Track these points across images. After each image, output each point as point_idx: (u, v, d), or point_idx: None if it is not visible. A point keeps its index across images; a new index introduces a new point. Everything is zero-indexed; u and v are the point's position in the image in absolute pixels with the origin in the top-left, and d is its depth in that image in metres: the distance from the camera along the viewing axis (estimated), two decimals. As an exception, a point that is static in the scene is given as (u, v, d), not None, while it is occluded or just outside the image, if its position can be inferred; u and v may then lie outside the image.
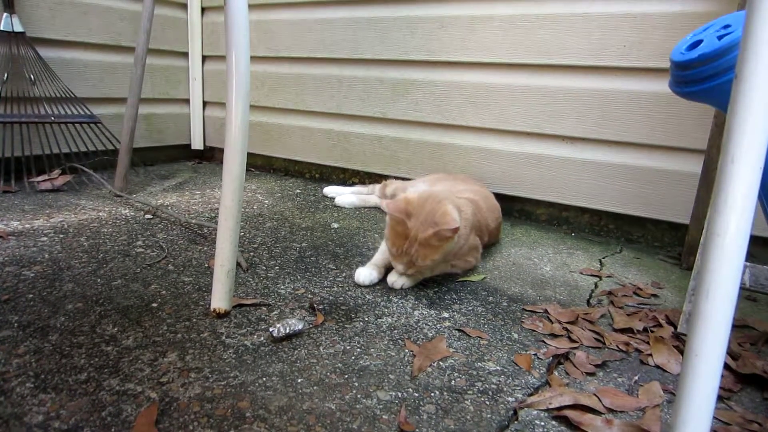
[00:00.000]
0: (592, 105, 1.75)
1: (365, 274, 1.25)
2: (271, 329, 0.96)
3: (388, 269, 1.28)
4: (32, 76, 1.97)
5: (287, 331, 0.96)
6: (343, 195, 2.05)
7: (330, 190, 2.14)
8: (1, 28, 1.90)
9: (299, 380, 0.84)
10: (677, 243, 1.73)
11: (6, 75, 1.91)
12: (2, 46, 1.91)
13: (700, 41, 0.81)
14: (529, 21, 1.80)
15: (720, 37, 0.81)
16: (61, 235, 1.43)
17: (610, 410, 0.82)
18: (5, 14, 1.90)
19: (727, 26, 0.86)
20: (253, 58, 2.42)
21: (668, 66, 1.60)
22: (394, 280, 1.24)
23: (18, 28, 1.93)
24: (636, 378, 0.93)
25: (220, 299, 1.03)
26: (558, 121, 1.82)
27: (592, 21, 1.70)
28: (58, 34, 2.10)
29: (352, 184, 2.34)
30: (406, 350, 0.96)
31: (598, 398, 0.84)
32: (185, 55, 2.66)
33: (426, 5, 2.00)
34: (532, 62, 1.82)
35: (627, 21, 1.65)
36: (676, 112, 1.63)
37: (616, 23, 1.66)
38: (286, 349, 0.93)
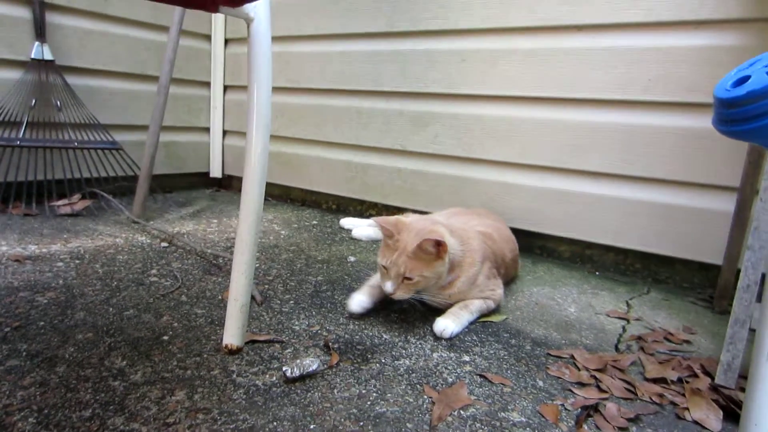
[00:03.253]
0: (616, 140, 1.71)
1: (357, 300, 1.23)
2: (284, 369, 0.92)
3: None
4: (59, 103, 2.01)
5: (301, 371, 0.92)
6: (360, 227, 2.02)
7: (347, 222, 2.12)
8: (32, 56, 1.95)
9: (311, 426, 0.80)
10: (708, 284, 1.65)
11: (34, 101, 1.95)
12: (32, 73, 1.96)
13: (747, 77, 0.76)
14: (551, 54, 1.78)
15: (768, 73, 0.77)
16: (77, 261, 1.42)
17: (647, 471, 0.76)
18: (36, 43, 1.95)
19: (774, 61, 0.82)
20: (274, 89, 2.44)
21: (695, 100, 1.59)
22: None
23: (48, 56, 1.98)
24: (672, 434, 0.87)
25: (232, 335, 0.99)
26: (582, 156, 1.78)
27: (616, 55, 1.67)
28: (86, 63, 2.15)
29: (370, 216, 2.31)
30: (425, 396, 0.91)
31: (633, 457, 0.78)
32: (207, 84, 2.70)
33: (446, 39, 2.00)
34: (554, 96, 1.80)
35: (652, 55, 1.62)
36: (705, 147, 1.58)
37: (640, 57, 1.64)
38: (299, 391, 0.89)
